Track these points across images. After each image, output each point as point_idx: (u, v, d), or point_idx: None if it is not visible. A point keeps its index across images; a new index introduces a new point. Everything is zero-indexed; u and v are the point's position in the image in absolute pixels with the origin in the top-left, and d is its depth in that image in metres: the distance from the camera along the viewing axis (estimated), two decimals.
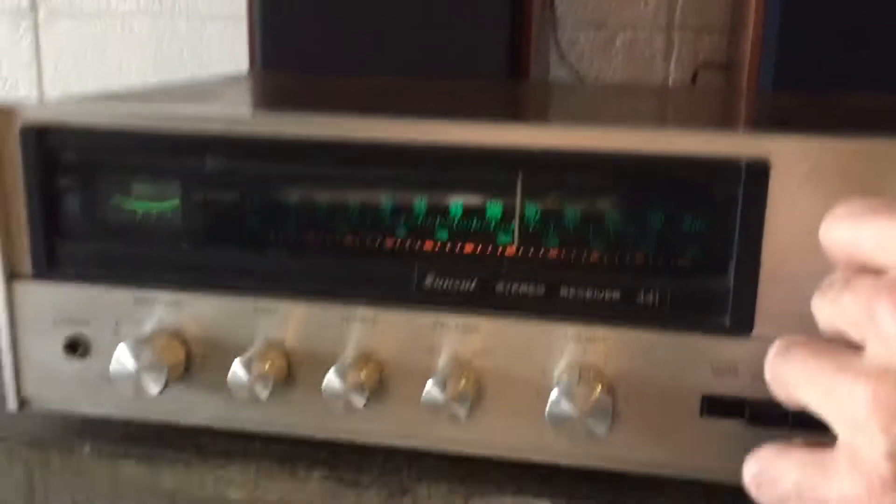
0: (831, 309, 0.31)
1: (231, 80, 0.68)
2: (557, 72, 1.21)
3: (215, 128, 0.42)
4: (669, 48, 1.21)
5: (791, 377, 0.31)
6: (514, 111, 0.58)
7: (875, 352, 0.28)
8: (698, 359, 0.39)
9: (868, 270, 0.30)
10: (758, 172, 0.37)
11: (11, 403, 0.46)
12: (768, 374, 0.33)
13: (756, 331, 0.38)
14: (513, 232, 0.40)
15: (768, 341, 0.38)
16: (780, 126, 0.42)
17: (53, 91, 1.40)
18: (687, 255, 0.39)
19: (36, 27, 1.38)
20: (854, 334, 0.29)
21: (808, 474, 0.29)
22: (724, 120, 0.56)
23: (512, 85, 0.82)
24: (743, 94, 0.72)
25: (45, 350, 0.45)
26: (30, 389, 0.46)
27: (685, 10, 1.19)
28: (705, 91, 0.77)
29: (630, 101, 0.61)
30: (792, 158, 0.37)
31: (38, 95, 1.40)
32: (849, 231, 0.31)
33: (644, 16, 1.20)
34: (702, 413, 0.39)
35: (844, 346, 0.30)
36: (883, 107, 0.56)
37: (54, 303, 0.45)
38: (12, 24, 1.39)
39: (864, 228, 0.30)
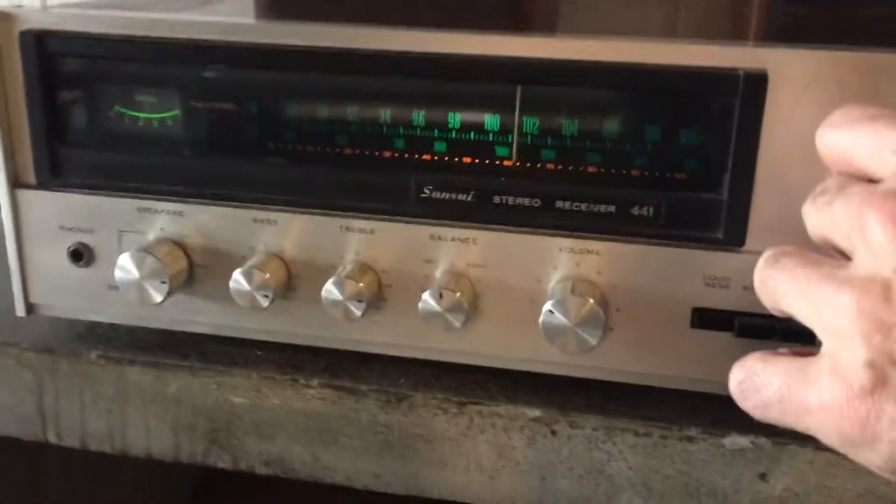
0: (821, 216, 0.31)
1: None
2: None
3: (214, 36, 0.41)
4: None
5: (779, 286, 0.31)
6: (515, 21, 0.57)
7: (862, 261, 0.28)
8: (690, 272, 0.39)
9: (862, 178, 0.30)
10: (755, 83, 0.36)
11: (19, 309, 0.47)
12: (757, 283, 0.33)
13: (748, 245, 0.39)
14: (510, 145, 0.41)
15: (760, 255, 0.38)
16: (779, 37, 0.41)
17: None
18: (683, 168, 0.39)
19: None
20: (843, 242, 0.29)
21: (790, 381, 0.30)
22: (725, 31, 0.55)
23: None
24: (751, 5, 0.71)
25: (51, 258, 0.46)
26: (37, 296, 0.47)
27: None
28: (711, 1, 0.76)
29: (634, 11, 0.60)
30: (790, 70, 0.36)
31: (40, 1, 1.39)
32: (845, 137, 0.31)
33: None
34: (692, 325, 0.40)
35: (834, 257, 0.30)
36: (890, 16, 0.55)
37: (58, 211, 0.45)
38: None
39: (860, 135, 0.30)
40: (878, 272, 0.27)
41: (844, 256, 0.30)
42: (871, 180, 0.29)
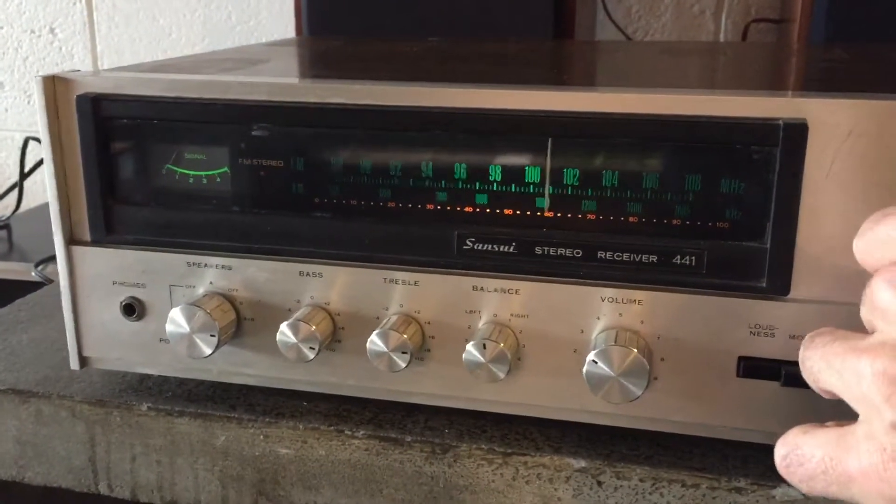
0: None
1: (277, 47, 0.70)
2: (604, 30, 1.20)
3: (261, 97, 0.43)
4: (720, 3, 1.18)
5: (814, 365, 0.32)
6: (554, 74, 0.58)
7: (879, 328, 0.30)
8: (735, 321, 0.39)
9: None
10: (795, 133, 0.37)
11: (73, 363, 0.49)
12: (801, 366, 0.34)
13: (792, 293, 0.38)
14: (550, 196, 0.41)
15: (805, 303, 0.38)
16: (819, 86, 0.41)
17: (106, 55, 1.43)
18: (724, 217, 0.39)
19: None
20: (867, 316, 0.31)
21: (832, 451, 0.30)
22: (766, 79, 0.55)
23: (556, 45, 0.82)
24: (791, 51, 0.71)
25: (104, 312, 0.47)
26: (90, 350, 0.48)
27: None
28: (751, 48, 0.76)
29: (673, 61, 0.61)
30: (830, 119, 0.36)
31: (91, 60, 1.43)
32: (862, 243, 0.32)
33: None
34: (738, 374, 0.40)
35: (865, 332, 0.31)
36: None
37: (111, 267, 0.47)
38: None
39: (868, 239, 0.32)
40: (890, 334, 0.29)
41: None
42: None
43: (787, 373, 0.39)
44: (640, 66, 0.59)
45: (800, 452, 0.32)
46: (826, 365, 0.31)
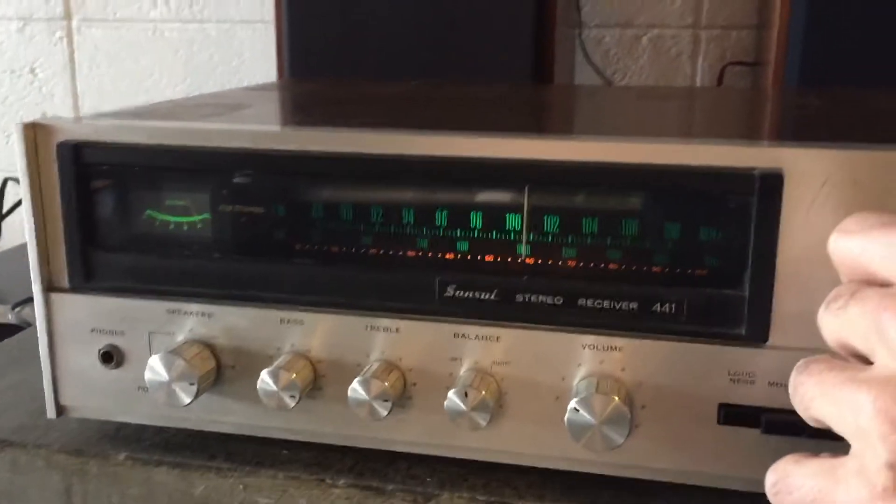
0: (836, 320, 0.31)
1: (258, 91, 0.70)
2: (583, 71, 1.22)
3: (243, 144, 0.43)
4: (696, 46, 1.20)
5: (807, 391, 0.32)
6: (533, 120, 0.58)
7: (882, 362, 0.29)
8: (715, 368, 0.40)
9: (875, 283, 0.30)
10: (771, 182, 0.37)
11: (50, 411, 0.48)
12: (791, 390, 0.33)
13: (772, 340, 0.39)
14: (530, 243, 0.41)
15: (784, 351, 0.39)
16: (794, 135, 0.42)
17: (87, 95, 1.43)
18: (703, 264, 0.40)
19: (70, 34, 1.41)
20: (861, 346, 0.30)
21: (821, 483, 0.30)
22: (742, 127, 0.56)
23: (535, 89, 0.83)
24: (766, 96, 0.72)
25: (82, 360, 0.47)
26: (67, 398, 0.48)
27: (712, 8, 1.19)
28: (727, 93, 0.78)
29: (650, 106, 0.62)
30: (806, 168, 0.37)
31: (72, 100, 1.43)
32: (859, 243, 0.31)
33: (670, 14, 1.20)
34: (719, 421, 0.40)
35: (859, 361, 0.31)
36: None
37: (90, 314, 0.46)
38: (48, 31, 1.42)
39: (874, 242, 0.31)
40: None
41: (863, 360, 0.30)
42: (884, 285, 0.30)
43: (767, 420, 0.39)
44: (618, 113, 0.59)
45: (790, 481, 0.31)
46: (821, 392, 0.30)
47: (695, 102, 0.67)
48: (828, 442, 0.38)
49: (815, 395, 0.31)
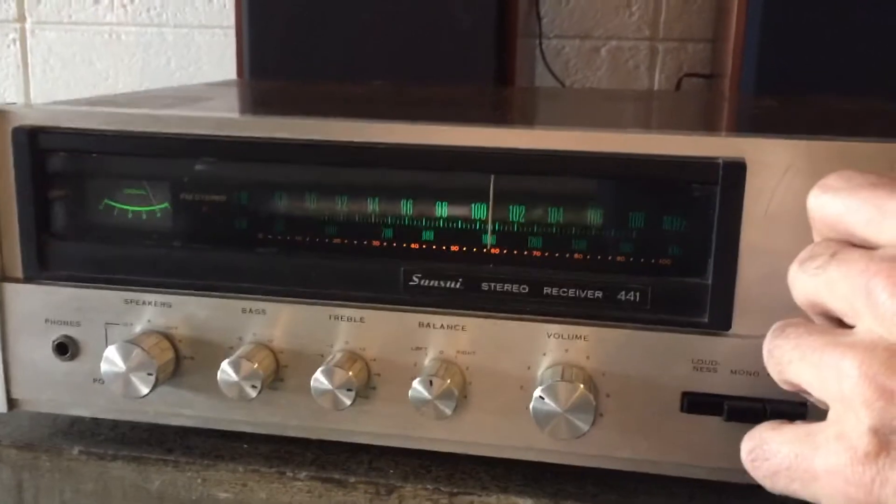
0: (813, 281, 0.30)
1: (220, 86, 0.69)
2: (543, 81, 1.23)
3: (206, 131, 0.42)
4: (653, 58, 1.22)
5: (784, 354, 0.31)
6: (497, 114, 0.59)
7: (866, 326, 0.28)
8: (679, 356, 0.40)
9: (855, 244, 0.30)
10: (735, 171, 0.38)
11: (0, 405, 0.46)
12: (765, 354, 0.32)
13: (734, 328, 0.39)
14: (496, 233, 0.41)
15: (746, 339, 0.39)
16: (756, 128, 0.43)
17: (41, 99, 1.40)
18: (667, 253, 0.40)
19: (24, 36, 1.39)
20: (839, 308, 0.29)
21: (798, 448, 0.30)
22: (703, 122, 0.57)
23: (499, 90, 0.83)
24: (724, 98, 0.73)
25: (35, 352, 0.46)
26: (19, 391, 0.46)
27: (669, 21, 1.21)
28: (687, 95, 0.79)
29: (612, 105, 0.62)
30: (768, 158, 0.38)
31: (24, 103, 1.41)
32: (842, 202, 0.30)
33: (628, 26, 1.22)
34: (682, 409, 0.40)
35: (831, 323, 0.30)
36: (857, 110, 0.57)
37: (44, 305, 0.45)
38: (0, 33, 1.39)
39: (860, 201, 0.30)
40: (884, 338, 0.27)
41: (835, 322, 0.30)
42: (865, 246, 0.29)
43: (729, 407, 0.39)
44: (583, 109, 0.60)
45: (766, 447, 0.31)
46: (800, 356, 0.30)
47: (657, 102, 0.68)
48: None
49: (792, 359, 0.30)
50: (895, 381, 0.26)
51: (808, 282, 0.31)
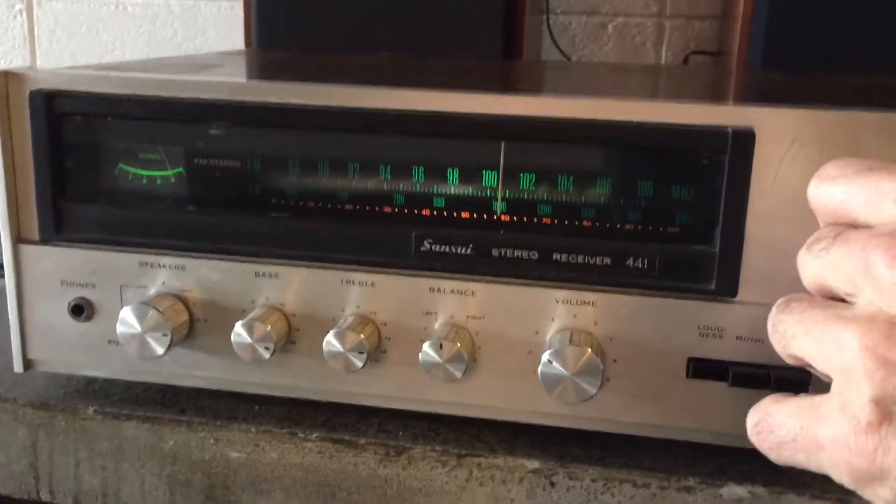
0: (818, 261, 0.31)
1: (229, 55, 0.69)
2: (550, 57, 1.23)
3: (220, 95, 0.43)
4: (660, 35, 1.22)
5: (788, 329, 0.32)
6: (507, 84, 0.59)
7: (867, 299, 0.29)
8: (685, 322, 0.40)
9: (857, 227, 0.30)
10: (744, 140, 0.38)
11: (17, 365, 0.47)
12: (769, 328, 0.33)
13: (741, 295, 0.40)
14: (507, 199, 0.42)
15: (752, 306, 0.40)
16: (765, 98, 0.43)
17: None
18: (675, 221, 0.40)
19: (30, 7, 1.38)
20: (843, 286, 0.30)
21: (803, 420, 0.30)
22: (712, 93, 0.57)
23: (507, 63, 0.83)
24: (731, 73, 0.74)
25: (51, 313, 0.46)
26: (35, 352, 0.47)
27: None
28: (695, 69, 0.79)
29: (620, 77, 0.63)
30: (776, 128, 0.38)
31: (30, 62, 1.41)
32: (841, 189, 0.31)
33: (635, 2, 1.22)
34: (688, 375, 0.41)
35: (840, 301, 0.31)
36: (864, 85, 0.58)
37: (60, 266, 0.46)
38: (6, 4, 1.39)
39: (859, 186, 0.31)
40: (884, 311, 0.28)
41: (843, 302, 0.31)
42: (867, 228, 0.30)
43: (734, 373, 0.40)
44: (590, 80, 0.60)
45: (771, 420, 0.32)
46: (804, 330, 0.31)
47: (665, 75, 0.69)
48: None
49: (796, 333, 0.31)
50: (895, 353, 0.27)
51: (813, 263, 0.32)
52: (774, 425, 0.31)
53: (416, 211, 0.43)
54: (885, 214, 0.29)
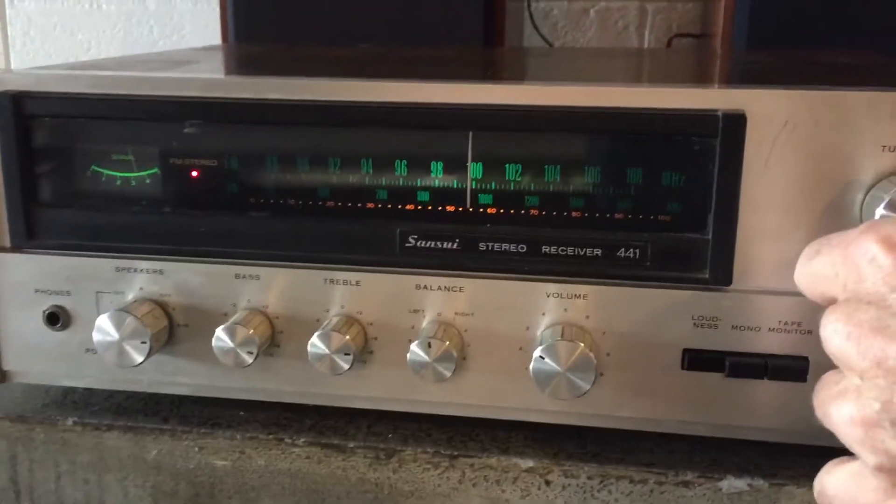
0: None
1: (206, 51, 0.68)
2: (532, 43, 1.21)
3: (194, 92, 0.41)
4: (643, 19, 1.21)
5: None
6: (489, 72, 0.58)
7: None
8: (679, 313, 0.39)
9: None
10: (734, 123, 0.37)
11: None
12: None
13: (735, 284, 0.39)
14: (493, 192, 0.41)
15: (746, 294, 0.39)
16: (754, 80, 0.42)
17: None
18: (666, 209, 0.39)
19: (3, 8, 1.36)
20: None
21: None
22: (700, 77, 0.56)
23: (489, 51, 0.82)
24: (717, 55, 0.72)
25: (26, 323, 0.45)
26: (11, 363, 0.46)
27: None
28: (681, 52, 0.78)
29: (605, 62, 0.61)
30: (767, 110, 0.37)
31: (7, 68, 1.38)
32: (804, 274, 0.31)
33: None
34: (683, 367, 0.40)
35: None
36: (852, 62, 0.57)
37: (33, 274, 0.44)
38: None
39: (831, 254, 0.30)
40: (853, 379, 0.28)
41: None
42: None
43: (730, 364, 0.39)
44: (574, 66, 0.59)
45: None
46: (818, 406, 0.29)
47: (650, 59, 0.67)
48: (789, 384, 0.38)
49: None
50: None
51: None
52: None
53: (399, 206, 0.41)
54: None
